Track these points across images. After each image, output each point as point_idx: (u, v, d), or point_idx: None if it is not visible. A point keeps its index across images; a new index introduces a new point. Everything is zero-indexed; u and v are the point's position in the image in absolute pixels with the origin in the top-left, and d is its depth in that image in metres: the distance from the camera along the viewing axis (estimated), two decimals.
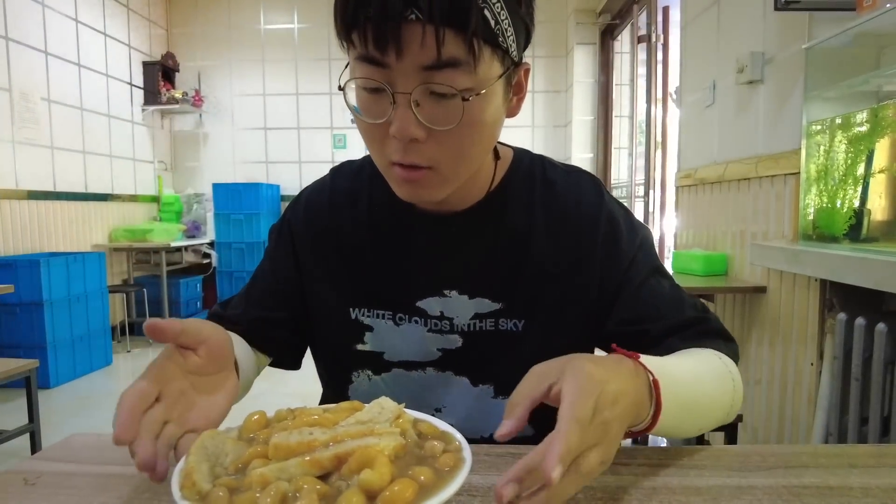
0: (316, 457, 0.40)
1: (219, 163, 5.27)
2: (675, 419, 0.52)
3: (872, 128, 1.37)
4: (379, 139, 0.59)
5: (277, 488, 0.38)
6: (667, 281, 0.71)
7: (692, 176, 2.40)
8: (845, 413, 1.39)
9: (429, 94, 0.55)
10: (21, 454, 2.21)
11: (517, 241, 0.69)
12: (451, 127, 0.55)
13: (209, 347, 0.54)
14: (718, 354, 0.63)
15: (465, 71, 0.53)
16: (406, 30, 0.51)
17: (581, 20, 4.48)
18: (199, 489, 0.39)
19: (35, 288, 3.21)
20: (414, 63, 0.53)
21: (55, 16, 3.91)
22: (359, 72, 0.56)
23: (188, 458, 0.42)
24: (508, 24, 0.55)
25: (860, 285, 1.25)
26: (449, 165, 0.59)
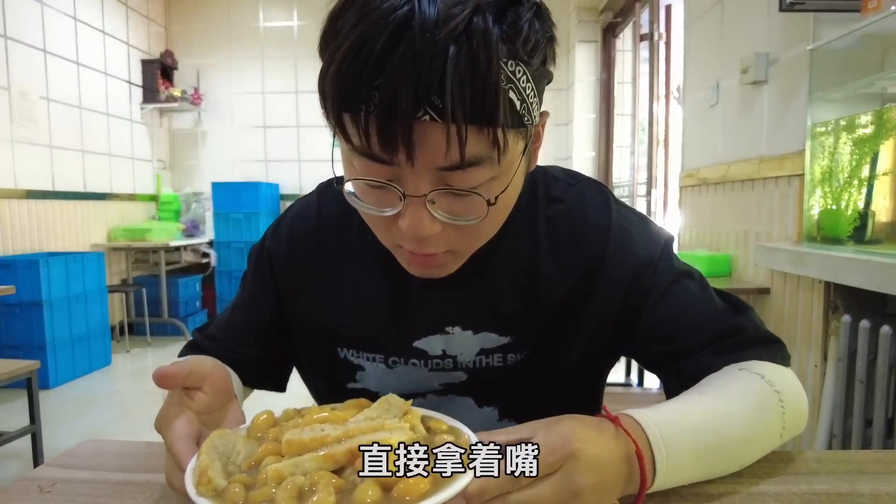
0: (330, 452, 0.40)
1: (218, 161, 5.25)
2: (695, 471, 0.50)
3: (877, 130, 1.37)
4: (385, 225, 0.52)
5: (294, 482, 0.38)
6: (695, 283, 0.64)
7: (695, 176, 2.40)
8: (849, 415, 1.39)
9: (446, 192, 0.48)
10: (22, 455, 2.20)
11: (523, 268, 0.63)
12: (473, 221, 0.49)
13: (212, 383, 0.52)
14: (761, 374, 0.56)
15: (487, 165, 0.46)
16: (419, 130, 0.43)
17: (583, 18, 4.47)
18: (214, 485, 0.39)
19: (34, 288, 3.20)
20: (429, 165, 0.45)
21: (54, 14, 3.89)
22: (358, 164, 0.48)
23: (200, 456, 0.42)
24: (534, 95, 0.48)
25: (864, 288, 1.25)
26: (468, 247, 0.55)
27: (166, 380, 0.49)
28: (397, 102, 0.42)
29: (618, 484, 0.44)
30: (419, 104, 0.42)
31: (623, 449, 0.45)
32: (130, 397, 3.24)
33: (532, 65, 0.46)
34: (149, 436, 0.54)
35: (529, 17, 0.46)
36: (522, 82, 0.46)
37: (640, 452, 0.45)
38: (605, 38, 4.49)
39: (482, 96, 0.43)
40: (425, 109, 0.42)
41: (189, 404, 0.50)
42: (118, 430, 2.76)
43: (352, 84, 0.43)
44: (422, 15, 0.42)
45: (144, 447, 0.60)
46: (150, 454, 0.59)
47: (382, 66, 0.42)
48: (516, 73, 0.45)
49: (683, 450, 0.48)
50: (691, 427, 0.49)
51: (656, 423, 0.48)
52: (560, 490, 0.40)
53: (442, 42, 0.41)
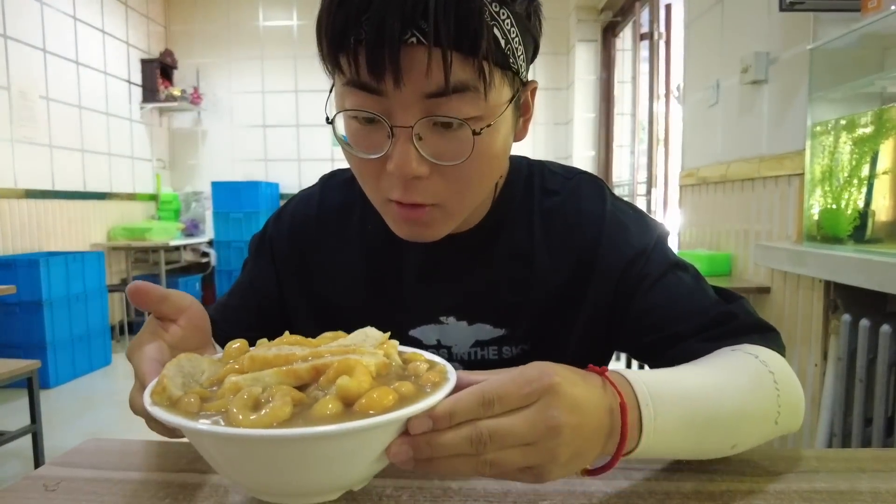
0: (293, 367, 0.38)
1: (217, 161, 5.25)
2: (684, 439, 0.47)
3: (877, 129, 1.37)
4: (374, 174, 0.53)
5: (250, 392, 0.36)
6: (687, 275, 0.63)
7: (695, 175, 2.40)
8: (849, 414, 1.39)
9: (433, 125, 0.49)
10: (23, 455, 2.20)
11: (519, 260, 0.64)
12: (459, 162, 0.50)
13: (189, 317, 0.50)
14: (755, 354, 0.54)
15: (473, 98, 0.48)
16: (406, 54, 0.45)
17: (583, 17, 4.47)
18: (169, 395, 0.37)
19: (35, 288, 3.20)
20: (416, 92, 0.46)
21: (53, 13, 3.89)
22: (349, 100, 0.49)
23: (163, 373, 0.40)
24: (519, 42, 0.50)
25: (864, 287, 1.25)
26: (454, 201, 0.53)
27: (139, 295, 0.47)
28: (385, 28, 0.44)
29: (598, 435, 0.41)
30: (406, 27, 0.44)
31: (607, 400, 0.42)
32: None
33: (515, 10, 0.49)
34: (151, 435, 0.54)
35: None
36: (507, 25, 0.48)
37: (624, 405, 0.42)
38: (604, 38, 4.49)
39: (466, 22, 0.45)
40: (412, 32, 0.44)
41: (163, 335, 0.48)
42: (119, 429, 2.76)
43: (344, 21, 0.46)
44: None
45: (147, 446, 0.60)
46: (153, 453, 0.59)
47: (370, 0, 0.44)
48: (500, 15, 0.47)
49: (672, 412, 0.45)
50: (682, 390, 0.47)
51: (646, 381, 0.46)
52: (536, 423, 0.37)
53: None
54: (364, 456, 0.36)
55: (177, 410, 0.36)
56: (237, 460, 0.36)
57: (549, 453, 0.38)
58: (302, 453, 0.34)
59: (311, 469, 0.35)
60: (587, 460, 0.42)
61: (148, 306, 0.48)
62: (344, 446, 0.35)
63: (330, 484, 0.38)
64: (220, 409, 0.36)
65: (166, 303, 0.48)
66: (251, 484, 0.38)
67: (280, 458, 0.34)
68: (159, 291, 0.48)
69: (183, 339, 0.48)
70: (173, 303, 0.49)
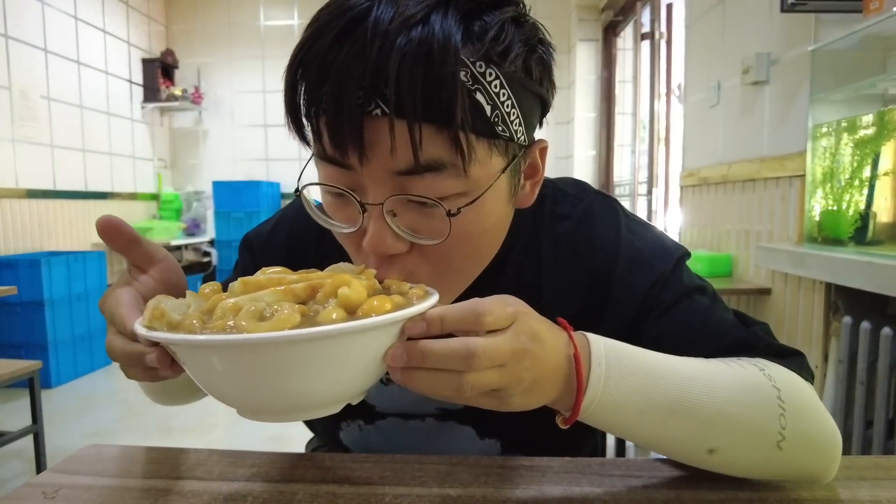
0: (290, 287, 0.38)
1: (219, 160, 5.26)
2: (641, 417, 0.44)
3: (879, 131, 1.37)
4: (352, 245, 0.49)
5: (256, 306, 0.36)
6: (705, 297, 0.58)
7: (696, 175, 2.40)
8: (850, 417, 1.39)
9: (407, 201, 0.44)
10: (25, 455, 2.21)
11: (527, 290, 0.56)
12: (437, 241, 0.45)
13: (162, 270, 0.47)
14: (761, 367, 0.50)
15: (451, 175, 0.43)
16: (370, 128, 0.40)
17: (583, 16, 4.47)
18: (168, 319, 0.36)
19: (36, 287, 3.21)
20: (383, 168, 0.42)
21: (54, 13, 3.89)
22: (320, 171, 0.46)
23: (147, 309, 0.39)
24: (512, 105, 0.44)
25: (865, 289, 1.25)
26: (439, 280, 0.47)
27: (110, 230, 0.44)
28: (344, 96, 0.40)
29: (557, 374, 0.42)
30: (368, 98, 0.40)
31: (565, 346, 0.43)
32: (133, 396, 3.24)
33: (505, 69, 0.43)
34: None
35: (504, 20, 0.43)
36: (495, 87, 0.42)
37: (577, 354, 0.42)
38: (605, 37, 4.48)
39: (436, 89, 0.39)
40: (376, 103, 0.40)
41: (137, 286, 0.45)
42: (121, 429, 2.77)
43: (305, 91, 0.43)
44: (379, 11, 0.40)
45: (148, 452, 0.60)
46: (154, 459, 0.59)
47: (331, 62, 0.40)
48: (486, 76, 0.42)
49: (627, 381, 0.44)
50: (647, 366, 0.45)
51: (607, 345, 0.45)
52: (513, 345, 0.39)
53: (393, 32, 0.39)
54: (368, 360, 0.38)
55: (180, 332, 0.35)
56: (246, 373, 0.36)
57: (515, 376, 0.39)
58: (320, 354, 0.35)
59: (321, 374, 0.36)
60: (545, 395, 0.42)
61: (117, 245, 0.45)
62: (354, 346, 0.36)
63: (337, 392, 0.39)
64: (223, 328, 0.35)
65: (137, 247, 0.46)
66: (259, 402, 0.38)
67: (295, 362, 0.35)
68: (131, 231, 0.45)
69: (154, 292, 0.45)
70: (145, 249, 0.46)
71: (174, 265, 0.49)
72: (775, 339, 0.57)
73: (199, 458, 0.58)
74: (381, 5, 0.40)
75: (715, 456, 0.47)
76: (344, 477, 0.52)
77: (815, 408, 0.50)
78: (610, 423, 0.45)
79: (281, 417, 0.39)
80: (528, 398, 0.41)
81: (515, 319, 0.40)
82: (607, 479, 0.52)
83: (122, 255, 0.46)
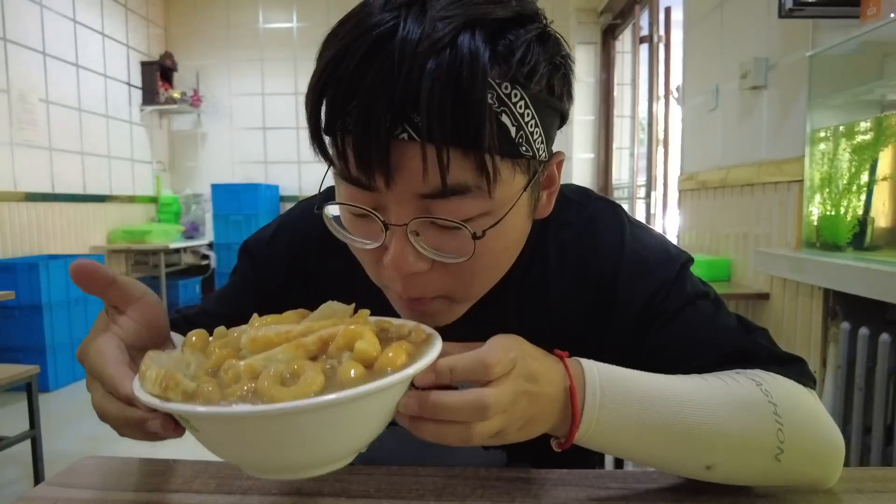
0: (301, 341, 0.39)
1: (217, 163, 5.26)
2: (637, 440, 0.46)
3: (876, 137, 1.37)
4: (372, 261, 0.49)
5: (276, 369, 0.35)
6: (710, 305, 0.58)
7: (694, 179, 2.40)
8: (848, 422, 1.39)
9: (430, 223, 0.44)
10: (22, 460, 2.20)
11: (532, 297, 0.60)
12: (461, 260, 0.45)
13: (142, 309, 0.45)
14: (758, 382, 0.50)
15: (476, 197, 0.43)
16: (397, 151, 0.40)
17: (582, 19, 4.47)
18: (183, 388, 0.35)
19: (34, 291, 3.20)
20: (409, 190, 0.42)
21: (53, 16, 3.89)
22: (341, 190, 0.46)
23: (144, 374, 0.37)
24: (536, 124, 0.44)
25: (863, 295, 1.25)
26: (461, 292, 0.49)
27: (83, 275, 0.42)
28: (372, 120, 0.39)
29: (552, 408, 0.44)
30: (396, 122, 0.39)
31: (561, 379, 0.45)
32: None
33: (531, 90, 0.43)
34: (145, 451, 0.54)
35: (529, 39, 0.43)
36: (520, 108, 0.42)
37: (573, 386, 0.45)
38: (604, 40, 4.49)
39: (464, 114, 0.39)
40: (403, 127, 0.40)
41: (117, 332, 0.44)
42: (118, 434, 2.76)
43: (329, 107, 0.42)
44: (405, 31, 0.39)
45: (145, 465, 0.60)
46: (150, 472, 0.59)
47: (358, 83, 0.40)
48: (512, 97, 0.42)
49: (620, 409, 0.45)
50: (640, 391, 0.46)
51: (601, 372, 0.47)
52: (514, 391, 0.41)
53: (422, 56, 0.39)
54: (384, 412, 0.39)
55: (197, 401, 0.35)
56: (268, 439, 0.36)
57: (514, 417, 0.42)
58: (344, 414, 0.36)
59: (341, 432, 0.37)
60: (541, 428, 0.45)
61: (92, 290, 0.43)
62: (374, 403, 0.37)
63: (352, 446, 0.40)
64: (243, 394, 0.35)
65: (113, 288, 0.44)
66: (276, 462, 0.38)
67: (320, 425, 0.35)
68: (105, 273, 0.44)
69: (137, 334, 0.44)
70: (121, 289, 0.44)
71: (153, 301, 0.47)
72: (776, 345, 0.57)
73: (196, 470, 0.58)
74: (408, 24, 0.40)
75: (713, 471, 0.48)
76: (341, 490, 0.52)
77: (815, 417, 0.50)
78: (607, 447, 0.48)
79: (292, 474, 0.40)
80: (524, 433, 0.44)
81: (515, 364, 0.42)
82: (604, 491, 0.52)
83: (100, 298, 0.45)
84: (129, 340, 0.44)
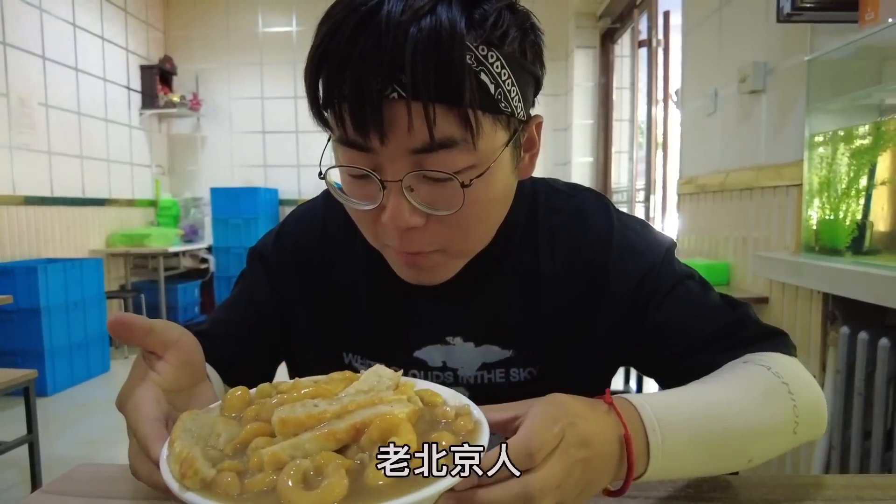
0: (331, 429, 0.36)
1: (217, 167, 5.26)
2: (696, 459, 0.48)
3: (875, 141, 1.37)
4: (370, 222, 0.53)
5: (298, 467, 0.34)
6: (695, 283, 0.63)
7: (693, 183, 2.40)
8: (848, 427, 1.39)
9: (423, 177, 0.48)
10: (20, 464, 2.19)
11: (525, 280, 0.63)
12: (452, 212, 0.49)
13: (179, 352, 0.46)
14: (767, 366, 0.55)
15: (462, 150, 0.47)
16: (388, 110, 0.45)
17: (581, 24, 4.48)
18: (202, 476, 0.34)
19: (33, 295, 3.20)
20: (401, 147, 0.46)
21: (53, 20, 3.89)
22: (340, 155, 0.50)
23: (174, 443, 0.36)
24: (512, 83, 0.48)
25: (862, 300, 1.25)
26: (456, 245, 0.54)
27: (122, 329, 0.44)
28: (364, 84, 0.44)
29: (608, 465, 0.43)
30: (386, 83, 0.44)
31: (614, 429, 0.44)
32: None
33: (504, 50, 0.48)
34: None
35: (500, 7, 0.48)
36: (496, 67, 0.47)
37: (627, 436, 0.44)
38: (603, 44, 4.50)
39: (446, 72, 0.44)
40: (393, 87, 0.44)
41: (156, 379, 0.45)
42: (117, 438, 2.75)
43: (326, 79, 0.47)
44: (389, 5, 0.44)
45: None
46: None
47: (350, 53, 0.44)
48: (488, 58, 0.46)
49: (681, 434, 0.47)
50: (690, 412, 0.48)
51: (652, 405, 0.47)
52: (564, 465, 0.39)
53: (405, 24, 0.44)
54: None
55: (215, 494, 0.33)
56: None
57: (570, 488, 0.40)
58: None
59: None
60: (600, 485, 0.44)
61: (131, 341, 0.45)
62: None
63: None
64: (265, 486, 0.33)
65: (151, 335, 0.45)
66: None
67: None
68: (143, 323, 0.45)
69: (175, 378, 0.46)
70: (159, 336, 0.46)
71: (190, 342, 0.48)
72: (760, 319, 0.64)
73: None
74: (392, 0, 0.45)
75: (752, 461, 0.52)
76: None
77: (809, 384, 0.56)
78: (664, 475, 0.48)
79: None
80: (585, 497, 0.43)
81: (564, 435, 0.40)
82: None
83: (139, 346, 0.46)
84: (167, 386, 0.45)
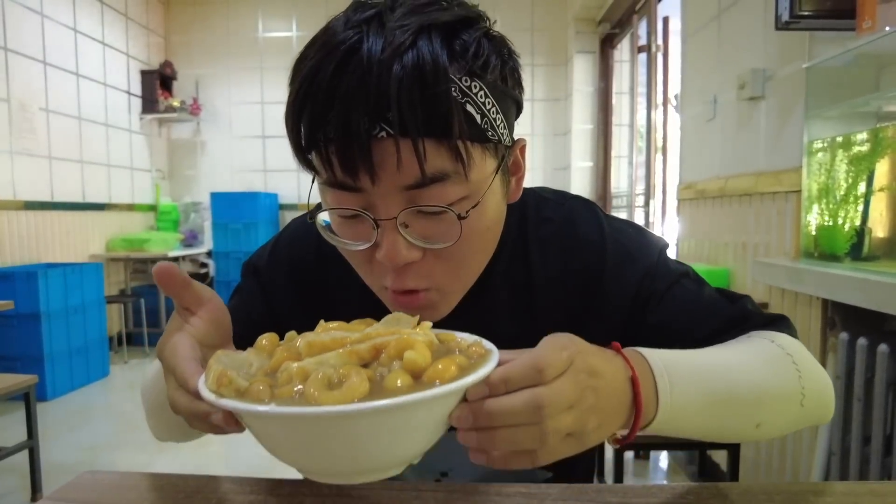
0: (355, 348, 0.39)
1: (217, 171, 5.26)
2: (703, 415, 0.48)
3: (873, 148, 1.38)
4: (365, 261, 0.52)
5: (324, 373, 0.36)
6: (691, 281, 0.63)
7: (693, 188, 2.41)
8: (847, 433, 1.39)
9: (417, 212, 0.48)
10: (20, 469, 2.19)
11: (518, 291, 0.63)
12: (449, 244, 0.49)
13: (210, 310, 0.48)
14: (770, 339, 0.56)
15: (455, 182, 0.47)
16: (377, 149, 0.44)
17: (581, 29, 4.50)
18: (236, 386, 0.37)
19: (33, 300, 3.20)
20: (393, 185, 0.46)
21: (54, 25, 3.90)
22: (329, 197, 0.49)
23: (210, 370, 0.39)
24: (496, 111, 0.48)
25: (861, 306, 1.25)
26: (451, 281, 0.53)
27: (165, 276, 0.46)
28: (352, 124, 0.43)
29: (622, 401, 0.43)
30: (373, 122, 0.43)
31: (623, 371, 0.44)
32: (129, 408, 3.23)
33: (487, 80, 0.47)
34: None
35: (478, 37, 0.48)
36: (480, 97, 0.47)
37: (635, 377, 0.44)
38: (602, 49, 4.52)
39: (433, 106, 0.44)
40: (381, 126, 0.44)
41: (190, 330, 0.47)
42: (117, 442, 2.75)
43: (309, 121, 0.46)
44: (369, 42, 0.44)
45: (144, 479, 0.60)
46: (150, 486, 0.58)
47: (333, 94, 0.44)
48: (472, 88, 0.46)
49: (689, 385, 0.47)
50: (698, 366, 0.49)
51: (661, 356, 0.47)
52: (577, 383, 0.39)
53: (388, 61, 0.43)
54: (433, 424, 0.39)
55: (248, 399, 0.36)
56: (313, 442, 0.36)
57: (585, 414, 0.40)
58: (387, 423, 0.36)
59: (387, 441, 0.37)
60: (617, 423, 0.44)
61: (171, 290, 0.47)
62: (419, 414, 0.37)
63: (401, 455, 0.39)
64: (290, 395, 0.36)
65: (188, 290, 0.47)
66: (325, 466, 0.39)
67: (362, 432, 0.35)
68: (184, 276, 0.47)
69: (207, 333, 0.47)
70: (195, 292, 0.48)
71: (220, 303, 0.50)
72: (761, 309, 0.63)
73: (197, 484, 0.57)
74: (370, 37, 0.44)
75: (761, 428, 0.52)
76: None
77: (814, 362, 0.57)
78: (673, 429, 0.48)
79: (345, 479, 0.40)
80: (603, 432, 0.42)
81: (573, 361, 0.40)
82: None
83: (175, 299, 0.48)
84: (199, 338, 0.46)
